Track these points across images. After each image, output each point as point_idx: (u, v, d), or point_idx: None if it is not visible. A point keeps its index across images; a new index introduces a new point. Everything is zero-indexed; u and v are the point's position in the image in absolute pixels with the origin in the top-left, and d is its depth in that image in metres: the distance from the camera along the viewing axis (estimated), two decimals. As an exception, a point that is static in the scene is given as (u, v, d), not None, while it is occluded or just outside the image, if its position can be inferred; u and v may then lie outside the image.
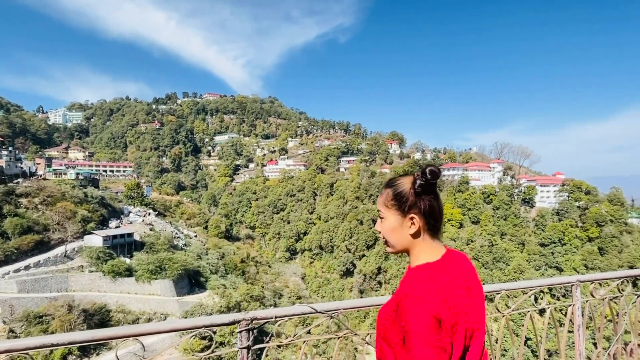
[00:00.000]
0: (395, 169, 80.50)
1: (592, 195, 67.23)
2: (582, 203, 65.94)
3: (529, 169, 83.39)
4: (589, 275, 2.87)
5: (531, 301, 2.75)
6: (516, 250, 65.94)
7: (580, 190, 67.68)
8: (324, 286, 71.87)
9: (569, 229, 64.64)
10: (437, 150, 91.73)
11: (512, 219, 69.06)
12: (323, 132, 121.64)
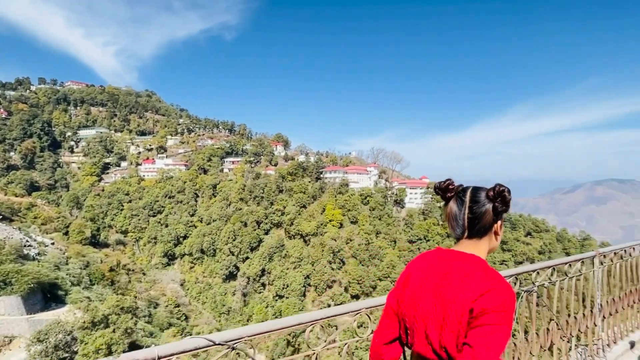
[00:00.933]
0: (280, 170, 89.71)
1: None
2: (442, 204, 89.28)
3: (400, 173, 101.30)
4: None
5: None
6: (389, 247, 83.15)
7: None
8: (206, 292, 76.89)
9: (433, 227, 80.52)
10: (320, 154, 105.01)
11: (385, 218, 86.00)
12: (206, 131, 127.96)
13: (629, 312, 5.03)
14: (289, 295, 69.81)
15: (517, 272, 3.32)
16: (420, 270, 1.80)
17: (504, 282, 1.62)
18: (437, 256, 1.80)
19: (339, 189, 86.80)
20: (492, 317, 1.54)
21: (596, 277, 4.36)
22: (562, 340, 3.76)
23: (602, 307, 4.38)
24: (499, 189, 1.74)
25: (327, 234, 78.60)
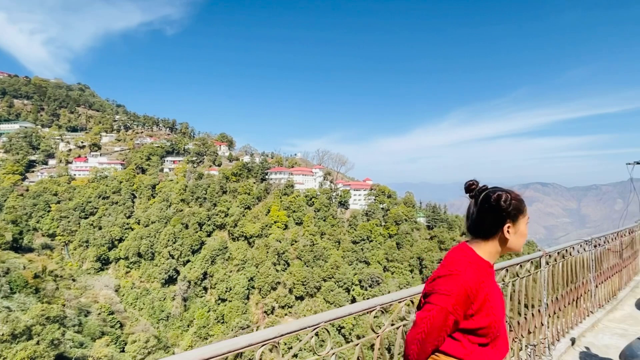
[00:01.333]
0: (224, 171, 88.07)
1: (392, 198, 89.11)
2: (385, 205, 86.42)
3: (345, 174, 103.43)
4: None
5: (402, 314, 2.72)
6: (333, 248, 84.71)
7: (384, 194, 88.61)
8: (143, 297, 73.91)
9: (375, 228, 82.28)
10: (265, 154, 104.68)
11: (330, 219, 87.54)
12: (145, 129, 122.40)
13: (570, 310, 5.26)
14: (232, 298, 69.21)
15: None
16: None
17: (463, 271, 1.73)
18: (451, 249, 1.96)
19: (284, 190, 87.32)
20: (433, 297, 1.71)
21: (543, 277, 4.49)
22: (515, 341, 3.80)
23: (547, 306, 4.53)
24: (496, 197, 1.80)
25: (272, 236, 78.84)
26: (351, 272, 75.23)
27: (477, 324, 1.75)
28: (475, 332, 1.77)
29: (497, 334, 1.80)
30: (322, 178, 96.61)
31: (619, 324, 5.97)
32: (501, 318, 1.81)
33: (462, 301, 1.72)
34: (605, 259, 6.57)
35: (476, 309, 1.75)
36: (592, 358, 4.64)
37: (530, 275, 4.23)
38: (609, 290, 6.77)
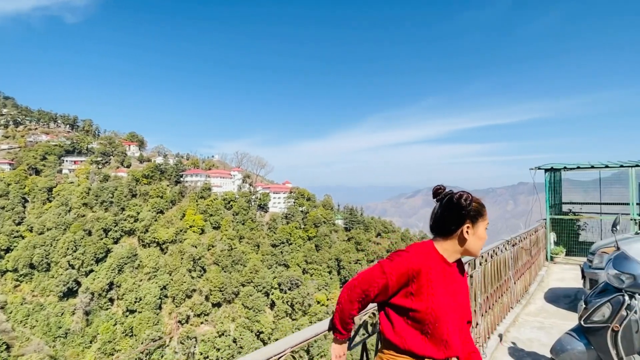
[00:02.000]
0: (134, 173, 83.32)
1: (311, 201, 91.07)
2: (304, 208, 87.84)
3: (264, 177, 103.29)
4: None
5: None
6: (252, 252, 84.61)
7: (303, 197, 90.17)
8: (36, 313, 67.12)
9: (295, 230, 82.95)
10: (180, 156, 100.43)
11: (249, 223, 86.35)
12: (40, 125, 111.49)
13: (496, 307, 5.51)
14: (143, 309, 65.74)
15: None
16: None
17: (413, 253, 1.91)
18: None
19: (200, 193, 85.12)
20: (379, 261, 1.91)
21: (477, 277, 4.63)
22: None
23: (481, 305, 4.69)
24: (457, 196, 1.93)
25: (187, 241, 76.41)
26: (270, 275, 75.78)
27: (412, 305, 1.84)
28: (409, 313, 1.86)
29: (434, 324, 1.83)
30: (241, 181, 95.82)
31: (535, 317, 6.41)
32: (441, 310, 1.84)
33: (400, 272, 1.84)
34: (520, 257, 7.16)
35: (415, 289, 1.84)
36: (519, 353, 4.80)
37: (468, 277, 4.29)
38: (523, 285, 7.38)
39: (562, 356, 3.58)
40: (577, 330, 3.68)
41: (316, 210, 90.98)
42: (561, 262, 10.65)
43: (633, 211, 9.80)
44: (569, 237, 11.12)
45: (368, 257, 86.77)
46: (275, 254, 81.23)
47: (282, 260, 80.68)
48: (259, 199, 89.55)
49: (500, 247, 5.82)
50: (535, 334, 5.47)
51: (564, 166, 10.78)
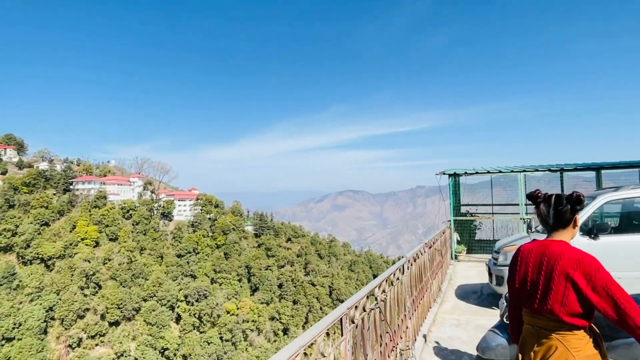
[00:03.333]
0: (12, 180, 74.41)
1: (219, 208, 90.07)
2: (212, 215, 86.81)
3: (168, 184, 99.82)
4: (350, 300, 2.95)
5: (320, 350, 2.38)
6: (155, 263, 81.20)
7: (211, 204, 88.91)
8: None
9: (202, 239, 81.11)
10: (69, 161, 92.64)
11: (151, 233, 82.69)
12: None
13: (420, 308, 5.78)
14: (23, 335, 59.90)
15: (369, 289, 3.33)
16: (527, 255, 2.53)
17: (586, 254, 2.29)
18: (538, 244, 2.50)
19: (94, 202, 79.48)
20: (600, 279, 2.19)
21: (406, 281, 4.85)
22: (393, 350, 4.00)
23: (409, 308, 4.90)
24: (576, 195, 2.41)
25: (79, 255, 70.91)
26: (176, 287, 73.72)
27: None
28: None
29: None
30: (141, 188, 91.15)
31: (451, 315, 6.76)
32: None
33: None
34: (434, 258, 7.58)
35: None
36: (444, 352, 5.03)
37: (399, 282, 4.51)
38: (437, 285, 7.90)
39: (488, 353, 3.88)
40: (500, 327, 4.00)
41: (225, 217, 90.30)
42: (464, 259, 11.79)
43: (522, 211, 11.41)
44: (468, 236, 12.39)
45: (279, 263, 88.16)
46: (181, 265, 79.02)
47: (189, 270, 78.84)
48: (163, 207, 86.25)
49: (421, 250, 6.16)
50: (454, 332, 5.79)
51: (465, 171, 12.24)
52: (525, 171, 11.34)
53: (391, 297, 4.16)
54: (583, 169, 11.17)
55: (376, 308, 3.44)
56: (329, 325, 2.53)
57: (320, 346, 2.37)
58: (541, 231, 7.11)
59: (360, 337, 3.10)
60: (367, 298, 3.24)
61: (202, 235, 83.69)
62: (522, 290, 2.51)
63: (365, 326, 3.15)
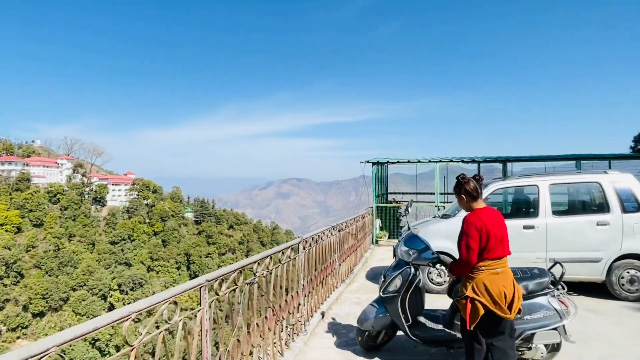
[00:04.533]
0: None
1: (158, 193, 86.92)
2: (149, 201, 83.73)
3: (101, 167, 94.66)
4: (214, 273, 3.12)
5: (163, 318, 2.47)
6: (86, 251, 77.12)
7: (148, 189, 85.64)
8: None
9: (138, 225, 78.19)
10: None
11: (82, 219, 77.22)
12: None
13: (320, 288, 6.06)
14: None
15: (242, 265, 3.46)
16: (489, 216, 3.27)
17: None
18: (486, 210, 3.29)
19: (16, 184, 73.74)
20: None
21: (300, 261, 5.05)
22: (277, 324, 4.21)
23: (304, 287, 5.13)
24: (480, 176, 3.45)
25: (-2, 242, 65.92)
26: (109, 276, 70.62)
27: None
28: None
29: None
30: (71, 171, 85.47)
31: (354, 294, 7.15)
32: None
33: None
34: (345, 241, 7.88)
35: None
36: (337, 326, 5.39)
37: (290, 261, 4.71)
38: (349, 266, 8.26)
39: (365, 324, 4.26)
40: (378, 301, 4.35)
41: (163, 203, 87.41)
42: (384, 244, 12.40)
43: (437, 199, 12.35)
44: (392, 223, 12.96)
45: (220, 250, 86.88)
46: (114, 252, 75.75)
47: (123, 258, 75.75)
48: (95, 191, 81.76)
49: (326, 233, 6.43)
50: (352, 309, 6.12)
51: (388, 160, 12.89)
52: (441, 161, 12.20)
53: (279, 274, 4.35)
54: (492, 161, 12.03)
55: (254, 283, 3.64)
56: (176, 294, 2.62)
57: (164, 313, 2.46)
58: (440, 217, 7.73)
59: (230, 309, 3.34)
60: (240, 272, 3.42)
61: (139, 221, 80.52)
62: (494, 244, 3.19)
63: (237, 299, 3.38)
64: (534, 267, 4.09)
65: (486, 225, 3.17)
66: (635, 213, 6.30)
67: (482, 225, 3.17)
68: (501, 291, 3.14)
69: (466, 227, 3.24)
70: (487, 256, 3.18)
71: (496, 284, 3.17)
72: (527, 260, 6.32)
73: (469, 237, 3.18)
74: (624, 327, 5.14)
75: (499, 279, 3.20)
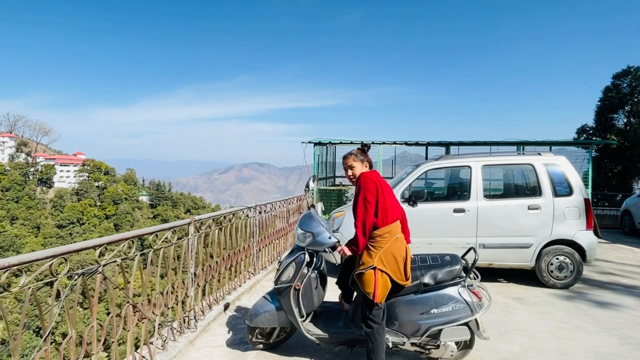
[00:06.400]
0: None
1: (110, 175, 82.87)
2: (101, 183, 79.93)
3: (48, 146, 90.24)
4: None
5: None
6: (30, 235, 73.90)
7: (100, 171, 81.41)
8: None
9: (88, 209, 77.24)
10: None
11: (26, 200, 73.12)
12: None
13: (227, 276, 5.33)
14: None
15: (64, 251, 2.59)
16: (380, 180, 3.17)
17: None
18: (375, 174, 3.21)
19: (-51, 163, 68.44)
20: None
21: (191, 245, 4.15)
22: (141, 322, 3.40)
23: (196, 275, 4.31)
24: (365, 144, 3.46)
25: None
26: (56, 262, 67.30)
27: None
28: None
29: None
30: (14, 149, 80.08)
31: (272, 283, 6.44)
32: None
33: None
34: (270, 224, 7.10)
35: None
36: (237, 320, 4.69)
37: (171, 246, 3.86)
38: (277, 251, 7.58)
39: (255, 320, 3.58)
40: (271, 293, 3.67)
41: (116, 185, 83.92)
42: None
43: None
44: (335, 207, 11.84)
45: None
46: (62, 237, 72.25)
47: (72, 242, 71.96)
48: (41, 171, 77.15)
49: (240, 214, 5.72)
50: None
51: (330, 141, 12.23)
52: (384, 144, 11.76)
53: (152, 261, 3.61)
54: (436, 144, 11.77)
55: (97, 273, 2.88)
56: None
57: None
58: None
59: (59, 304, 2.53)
60: (65, 260, 2.65)
61: (89, 204, 76.91)
62: (389, 202, 3.12)
63: (65, 292, 2.56)
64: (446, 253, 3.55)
65: (381, 182, 3.10)
66: (567, 197, 6.00)
67: (377, 180, 3.09)
68: (403, 258, 3.06)
69: (363, 181, 3.10)
70: (387, 220, 3.06)
71: (399, 252, 3.06)
72: (457, 246, 5.91)
73: (366, 191, 3.03)
74: (547, 317, 4.83)
75: (400, 245, 3.09)
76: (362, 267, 3.03)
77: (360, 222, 3.03)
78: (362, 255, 3.09)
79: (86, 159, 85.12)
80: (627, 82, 26.43)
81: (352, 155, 3.30)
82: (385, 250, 3.00)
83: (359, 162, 3.28)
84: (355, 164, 3.28)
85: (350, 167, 3.30)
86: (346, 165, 3.32)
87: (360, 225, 3.03)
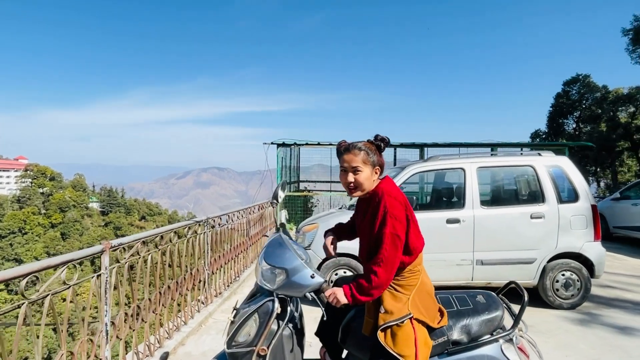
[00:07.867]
0: None
1: (57, 181, 77.20)
2: (46, 189, 74.36)
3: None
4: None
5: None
6: (-37, 247, 68.27)
7: (44, 176, 75.82)
8: None
9: (32, 217, 73.74)
10: None
11: None
12: None
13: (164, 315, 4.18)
14: None
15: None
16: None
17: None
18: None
19: None
20: None
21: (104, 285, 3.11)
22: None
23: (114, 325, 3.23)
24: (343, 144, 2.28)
25: None
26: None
27: None
28: None
29: None
30: (-56, 154, 73.38)
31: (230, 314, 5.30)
32: None
33: None
34: (228, 240, 5.88)
35: None
36: None
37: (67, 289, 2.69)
38: (234, 271, 6.28)
39: None
40: (223, 357, 2.22)
41: (63, 191, 78.70)
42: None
43: None
44: (304, 214, 11.09)
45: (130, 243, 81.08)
46: (1, 247, 67.16)
47: (12, 254, 67.44)
48: (-24, 178, 70.73)
49: (184, 232, 4.56)
50: (217, 341, 4.12)
51: (294, 142, 11.22)
52: (342, 144, 10.63)
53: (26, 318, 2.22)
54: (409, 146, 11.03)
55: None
56: None
57: None
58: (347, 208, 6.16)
59: None
60: None
61: (32, 212, 71.65)
62: (414, 228, 2.10)
63: None
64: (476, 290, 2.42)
65: (407, 204, 1.98)
66: (573, 203, 5.16)
67: (405, 202, 1.97)
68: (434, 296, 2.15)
69: (390, 204, 1.89)
70: (417, 250, 2.01)
71: (431, 288, 2.14)
72: (451, 263, 5.03)
73: (396, 221, 1.87)
74: (573, 354, 3.97)
75: (427, 279, 2.14)
76: (392, 318, 1.91)
77: (385, 263, 1.87)
78: (381, 300, 1.98)
79: (29, 164, 79.32)
80: (576, 89, 27.21)
81: (362, 152, 2.02)
82: (418, 290, 2.01)
83: (369, 166, 2.03)
84: (364, 167, 2.03)
85: (354, 170, 2.03)
86: (348, 165, 2.04)
87: (384, 268, 1.87)
